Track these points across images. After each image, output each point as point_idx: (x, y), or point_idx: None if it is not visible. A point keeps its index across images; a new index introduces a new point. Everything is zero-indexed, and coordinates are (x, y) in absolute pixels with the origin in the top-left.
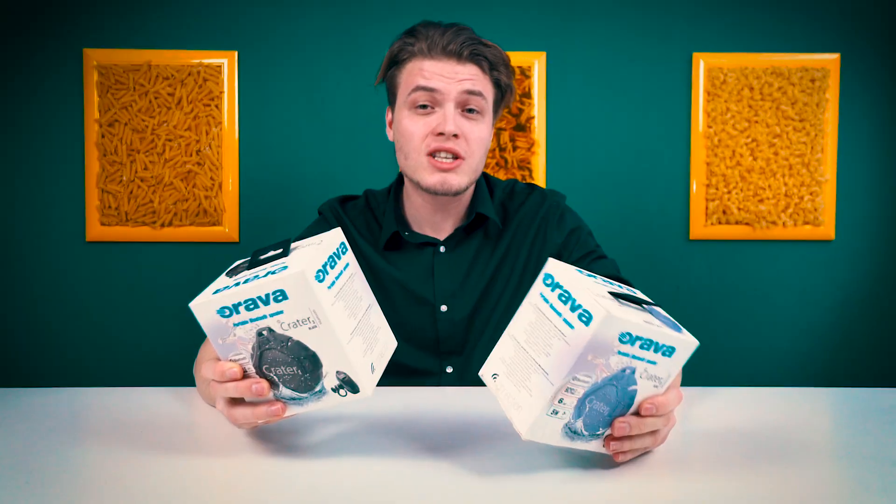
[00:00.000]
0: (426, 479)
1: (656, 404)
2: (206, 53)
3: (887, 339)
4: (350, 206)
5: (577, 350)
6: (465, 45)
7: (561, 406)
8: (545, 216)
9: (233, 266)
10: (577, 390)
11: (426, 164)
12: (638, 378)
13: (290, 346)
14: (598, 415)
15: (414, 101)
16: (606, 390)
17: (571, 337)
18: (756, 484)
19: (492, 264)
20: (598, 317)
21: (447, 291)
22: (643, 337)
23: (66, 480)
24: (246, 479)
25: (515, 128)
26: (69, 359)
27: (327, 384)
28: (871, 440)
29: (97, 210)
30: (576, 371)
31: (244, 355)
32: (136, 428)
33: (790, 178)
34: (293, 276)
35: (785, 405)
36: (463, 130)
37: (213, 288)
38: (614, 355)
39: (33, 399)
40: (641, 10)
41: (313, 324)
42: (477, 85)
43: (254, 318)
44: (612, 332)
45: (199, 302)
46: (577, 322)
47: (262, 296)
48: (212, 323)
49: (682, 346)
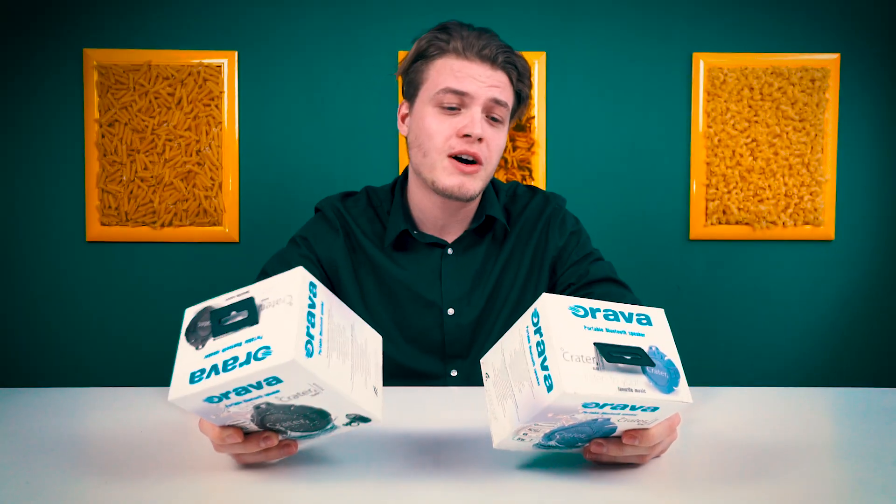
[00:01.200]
0: (426, 478)
1: (640, 437)
2: (206, 53)
3: (887, 339)
4: (351, 202)
5: (539, 407)
6: (500, 51)
7: (525, 437)
8: (548, 219)
9: (190, 322)
10: (542, 430)
11: (447, 164)
12: (617, 422)
13: (294, 409)
14: (574, 439)
15: (441, 100)
16: (579, 427)
17: (537, 392)
18: (756, 484)
19: (497, 268)
20: (556, 392)
21: (455, 295)
22: (614, 404)
23: (66, 481)
24: (246, 478)
25: (515, 128)
26: (69, 359)
27: (338, 423)
28: (871, 440)
29: (97, 210)
30: (538, 420)
31: (243, 421)
32: (136, 428)
33: (790, 178)
34: (284, 365)
35: (785, 405)
36: (487, 135)
37: (184, 368)
38: (580, 413)
39: (33, 399)
40: (641, 10)
41: (315, 392)
42: (504, 94)
43: (248, 399)
44: (574, 403)
45: (181, 395)
46: (543, 382)
47: (253, 383)
48: (201, 408)
49: (667, 407)
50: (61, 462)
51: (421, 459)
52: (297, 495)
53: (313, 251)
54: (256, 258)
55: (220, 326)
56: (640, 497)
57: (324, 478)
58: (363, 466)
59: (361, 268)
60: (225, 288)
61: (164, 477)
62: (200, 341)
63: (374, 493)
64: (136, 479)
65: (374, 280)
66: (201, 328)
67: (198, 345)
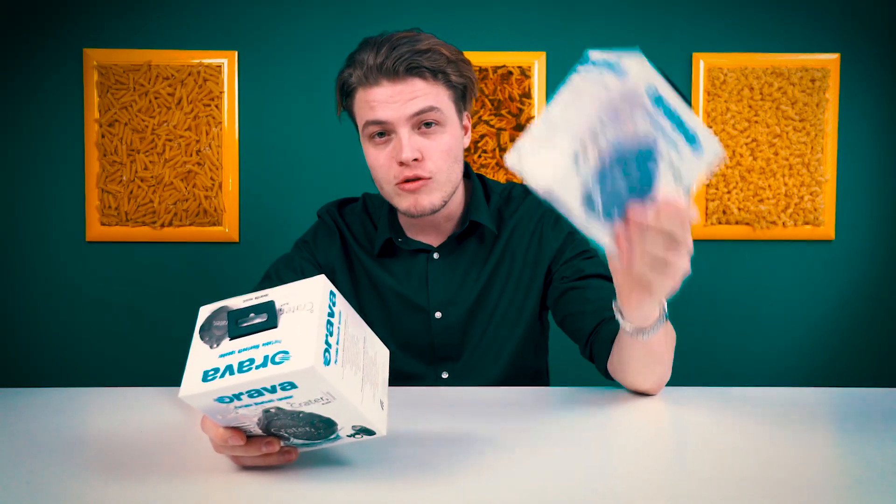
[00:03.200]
0: (426, 477)
1: (671, 198)
2: (206, 53)
3: (887, 339)
4: (348, 210)
5: (613, 95)
6: (400, 61)
7: (583, 159)
8: (541, 219)
9: (205, 321)
10: (601, 142)
11: (398, 191)
12: (659, 159)
13: (303, 416)
14: (616, 193)
15: (370, 133)
16: (628, 160)
17: (610, 83)
18: (756, 484)
19: (486, 270)
20: (634, 67)
21: (441, 298)
22: (670, 108)
23: (66, 481)
24: (246, 479)
25: (515, 128)
26: (69, 359)
27: (342, 434)
28: (871, 440)
29: (97, 210)
30: (602, 115)
31: (248, 424)
32: (136, 428)
33: (790, 178)
34: (303, 371)
35: (785, 405)
36: (423, 150)
37: (197, 366)
38: (641, 110)
39: (33, 399)
40: (641, 10)
41: (326, 400)
42: (427, 100)
43: (259, 403)
44: (645, 82)
45: (192, 393)
46: (615, 73)
47: (267, 387)
48: (210, 407)
49: (708, 144)
50: (61, 462)
51: (420, 459)
52: (297, 495)
53: (314, 256)
54: (256, 258)
55: (238, 327)
56: (639, 496)
57: (324, 478)
58: (363, 466)
59: (356, 274)
60: (225, 288)
61: (164, 477)
62: (215, 340)
63: (375, 493)
64: (137, 479)
65: (367, 286)
66: (217, 327)
67: (212, 344)
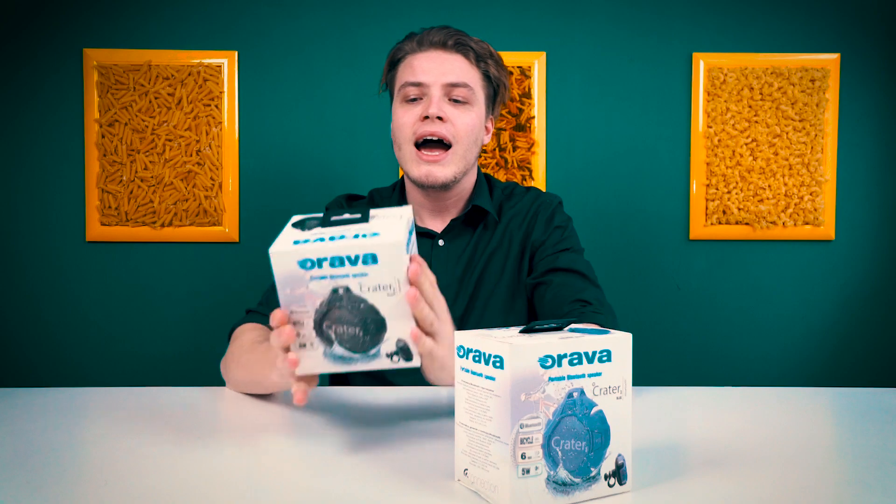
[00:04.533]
0: (425, 477)
1: (410, 294)
2: (206, 53)
3: (887, 339)
4: (356, 203)
5: (506, 396)
6: (451, 36)
7: (528, 462)
8: (535, 213)
9: (298, 220)
10: (534, 437)
11: (414, 155)
12: (593, 396)
13: (362, 309)
14: (577, 454)
15: (405, 95)
16: (567, 424)
17: (497, 387)
18: (756, 484)
19: (483, 259)
20: (506, 354)
21: (443, 283)
22: (567, 353)
23: (66, 481)
24: (246, 480)
25: (515, 128)
26: (69, 359)
27: (384, 349)
28: (871, 440)
29: (97, 210)
30: (518, 418)
31: (308, 308)
32: (136, 428)
33: (790, 178)
34: (391, 244)
35: (785, 405)
36: (448, 115)
37: (289, 237)
38: (548, 384)
39: (33, 399)
40: (641, 10)
41: (393, 291)
42: (462, 76)
43: (335, 276)
44: (527, 362)
45: (280, 250)
46: (495, 370)
47: (351, 256)
48: (288, 273)
49: (619, 345)
50: (61, 462)
51: (421, 457)
52: (296, 495)
53: None
54: (256, 258)
55: (331, 221)
56: (638, 496)
57: (325, 478)
58: (363, 466)
59: None
60: (225, 288)
61: (164, 477)
62: (308, 228)
63: (375, 493)
64: (136, 480)
65: None
66: (311, 221)
67: (305, 229)
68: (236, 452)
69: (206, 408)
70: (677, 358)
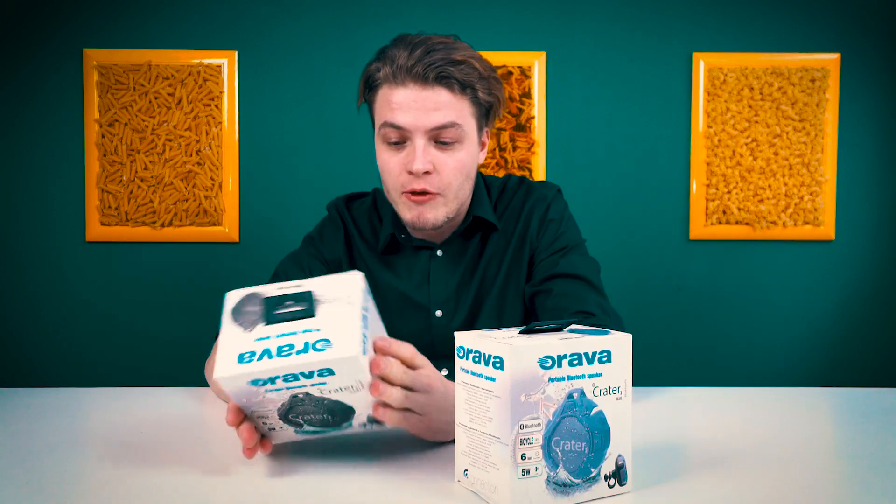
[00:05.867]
0: (423, 477)
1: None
2: (206, 53)
3: (887, 339)
4: (356, 205)
5: (506, 397)
6: (432, 67)
7: (528, 462)
8: (530, 211)
9: (236, 304)
10: (535, 437)
11: (404, 200)
12: (593, 397)
13: (327, 403)
14: (577, 455)
15: (385, 136)
16: (567, 425)
17: (497, 388)
18: (756, 484)
19: (482, 265)
20: (506, 355)
21: (442, 297)
22: (567, 354)
23: (66, 481)
24: (246, 480)
25: (515, 128)
26: (69, 359)
27: (356, 423)
28: (871, 440)
29: (97, 210)
30: (518, 418)
31: (270, 409)
32: (136, 428)
33: (790, 178)
34: (345, 359)
35: (785, 405)
36: (436, 164)
37: (232, 348)
38: (548, 385)
39: (33, 399)
40: (641, 10)
41: (356, 389)
42: (448, 115)
43: (291, 388)
44: (527, 363)
45: (227, 375)
46: (494, 371)
47: (305, 372)
48: (240, 390)
49: (618, 346)
50: (61, 462)
51: (419, 458)
52: (297, 496)
53: (321, 252)
54: (256, 258)
55: (275, 314)
56: (638, 497)
57: (324, 476)
58: (362, 465)
59: (359, 269)
60: (225, 288)
61: (164, 477)
62: (250, 325)
63: (374, 491)
64: (137, 480)
65: (369, 282)
66: (250, 312)
67: (246, 327)
68: (236, 453)
69: (206, 408)
70: (677, 358)
